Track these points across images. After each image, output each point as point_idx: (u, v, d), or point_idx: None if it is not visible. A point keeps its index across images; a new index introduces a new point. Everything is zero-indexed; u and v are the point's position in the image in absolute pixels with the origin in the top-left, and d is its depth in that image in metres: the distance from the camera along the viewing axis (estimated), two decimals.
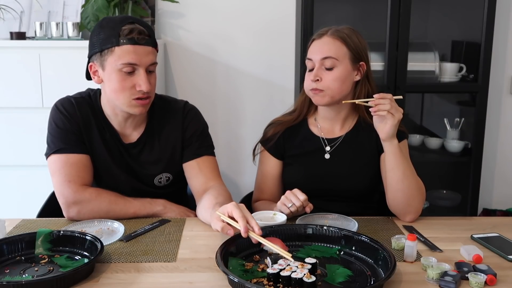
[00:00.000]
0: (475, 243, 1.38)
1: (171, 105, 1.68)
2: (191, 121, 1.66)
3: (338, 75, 1.59)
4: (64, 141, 1.56)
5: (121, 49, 1.46)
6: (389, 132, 1.48)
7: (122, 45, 1.46)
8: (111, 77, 1.49)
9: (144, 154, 1.64)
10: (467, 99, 2.83)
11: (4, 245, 1.28)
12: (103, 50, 1.48)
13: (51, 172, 1.57)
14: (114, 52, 1.47)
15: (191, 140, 1.65)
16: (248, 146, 2.25)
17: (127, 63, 1.47)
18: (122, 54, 1.46)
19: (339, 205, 1.63)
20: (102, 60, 1.50)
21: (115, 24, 1.48)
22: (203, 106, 1.77)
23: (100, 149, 1.60)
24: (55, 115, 1.59)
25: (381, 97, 1.46)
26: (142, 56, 1.49)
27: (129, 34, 1.47)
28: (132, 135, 1.64)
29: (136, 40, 1.47)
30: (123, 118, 1.60)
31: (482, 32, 2.48)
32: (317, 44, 1.62)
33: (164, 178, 1.67)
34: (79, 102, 1.60)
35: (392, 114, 1.45)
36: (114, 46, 1.47)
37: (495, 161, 2.92)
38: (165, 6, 2.68)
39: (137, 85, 1.49)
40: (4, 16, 2.47)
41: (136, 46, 1.47)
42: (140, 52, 1.48)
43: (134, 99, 1.51)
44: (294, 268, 1.13)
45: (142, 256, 1.30)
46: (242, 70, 2.78)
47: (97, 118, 1.60)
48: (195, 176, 1.64)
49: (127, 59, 1.47)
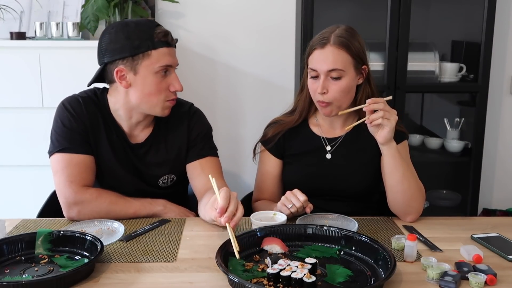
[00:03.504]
0: (475, 243, 1.38)
1: (178, 107, 1.67)
2: (196, 123, 1.68)
3: (345, 86, 1.58)
4: (69, 140, 1.56)
5: (158, 52, 1.49)
6: (387, 137, 1.47)
7: (159, 48, 1.49)
8: (146, 80, 1.51)
9: (150, 155, 1.64)
10: (467, 99, 2.83)
11: (4, 245, 1.28)
12: (136, 54, 1.48)
13: (54, 170, 1.56)
14: (151, 56, 1.49)
15: (196, 141, 1.66)
16: (248, 146, 2.24)
17: (166, 65, 1.51)
18: (159, 56, 1.50)
19: (339, 204, 1.64)
20: (135, 64, 1.49)
21: (146, 28, 1.50)
22: (203, 106, 1.77)
23: (106, 149, 1.60)
24: (62, 113, 1.58)
25: (373, 102, 1.45)
26: (174, 57, 1.55)
27: (164, 37, 1.50)
28: (139, 136, 1.64)
29: (170, 43, 1.52)
30: (136, 120, 1.60)
31: (482, 32, 2.48)
32: (320, 55, 1.58)
33: (169, 179, 1.68)
34: (86, 101, 1.60)
35: (387, 119, 1.44)
36: (150, 50, 1.49)
37: (495, 161, 2.92)
38: (165, 6, 2.68)
39: (171, 86, 1.54)
40: (4, 16, 2.46)
41: (171, 48, 1.53)
42: (173, 54, 1.55)
43: (168, 100, 1.55)
44: (294, 268, 1.13)
45: (142, 256, 1.30)
46: (242, 70, 2.78)
47: (104, 118, 1.60)
48: (198, 176, 1.64)
49: (164, 61, 1.50)
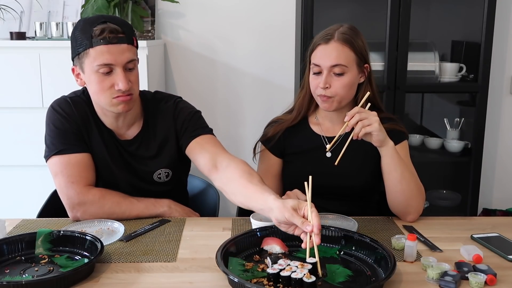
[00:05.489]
0: (475, 243, 1.38)
1: (164, 101, 1.66)
2: (180, 111, 1.64)
3: (347, 82, 1.59)
4: (64, 141, 1.55)
5: (95, 51, 1.45)
6: (380, 139, 1.47)
7: (96, 46, 1.45)
8: (90, 79, 1.49)
9: (142, 150, 1.64)
10: (467, 99, 2.83)
11: (4, 245, 1.28)
12: (80, 53, 1.48)
13: (53, 174, 1.56)
14: (89, 54, 1.46)
15: (184, 126, 1.62)
16: (248, 146, 2.24)
17: (102, 64, 1.45)
18: (96, 55, 1.45)
19: (339, 203, 1.64)
20: (81, 62, 1.49)
21: (88, 25, 1.47)
22: (203, 106, 1.77)
23: (99, 147, 1.60)
24: (52, 116, 1.59)
25: (350, 117, 1.43)
26: (117, 55, 1.46)
27: (100, 34, 1.44)
28: (128, 133, 1.63)
29: (108, 40, 1.44)
30: (113, 118, 1.59)
31: (482, 32, 2.48)
32: (324, 50, 1.59)
33: (164, 173, 1.67)
34: (75, 101, 1.60)
35: (368, 125, 1.43)
36: (88, 48, 1.45)
37: (495, 161, 2.92)
38: (165, 6, 2.68)
39: (115, 84, 1.48)
40: (4, 16, 2.47)
41: (110, 45, 1.45)
42: (114, 51, 1.45)
43: (114, 98, 1.49)
44: (294, 268, 1.13)
45: (142, 256, 1.30)
46: (242, 70, 2.78)
47: (94, 117, 1.60)
48: (199, 154, 1.57)
49: (101, 60, 1.45)
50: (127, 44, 1.48)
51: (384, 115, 1.63)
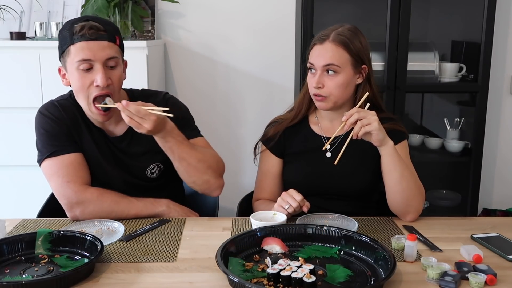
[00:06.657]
0: (475, 243, 1.38)
1: (153, 97, 1.67)
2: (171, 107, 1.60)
3: (341, 82, 1.59)
4: (55, 144, 1.56)
5: (75, 47, 1.47)
6: (379, 138, 1.47)
7: (76, 42, 1.47)
8: (72, 77, 1.50)
9: (132, 146, 1.64)
10: (467, 99, 2.83)
11: (4, 245, 1.28)
12: (63, 51, 1.50)
13: (48, 176, 1.56)
14: (71, 51, 1.48)
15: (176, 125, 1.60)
16: (248, 146, 2.24)
17: (81, 59, 1.47)
18: (76, 51, 1.47)
19: (339, 204, 1.64)
20: (64, 61, 1.51)
21: (70, 24, 1.49)
22: (203, 106, 1.77)
23: (90, 146, 1.60)
24: (41, 120, 1.59)
25: (348, 117, 1.45)
26: (96, 51, 1.47)
27: (80, 31, 1.47)
28: (116, 129, 1.63)
29: (88, 36, 1.46)
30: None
31: (482, 32, 2.48)
32: (318, 50, 1.60)
33: (156, 168, 1.67)
34: (62, 104, 1.61)
35: (368, 124, 1.44)
36: (69, 46, 1.47)
37: (495, 161, 2.92)
38: (165, 6, 2.68)
39: (94, 80, 1.48)
40: (4, 16, 2.47)
41: (89, 42, 1.46)
42: (93, 48, 1.47)
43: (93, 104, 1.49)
44: (294, 268, 1.13)
45: (142, 256, 1.30)
46: (242, 70, 2.78)
47: (82, 117, 1.60)
48: None
49: (81, 55, 1.46)
50: (108, 42, 1.49)
51: (384, 115, 1.63)
